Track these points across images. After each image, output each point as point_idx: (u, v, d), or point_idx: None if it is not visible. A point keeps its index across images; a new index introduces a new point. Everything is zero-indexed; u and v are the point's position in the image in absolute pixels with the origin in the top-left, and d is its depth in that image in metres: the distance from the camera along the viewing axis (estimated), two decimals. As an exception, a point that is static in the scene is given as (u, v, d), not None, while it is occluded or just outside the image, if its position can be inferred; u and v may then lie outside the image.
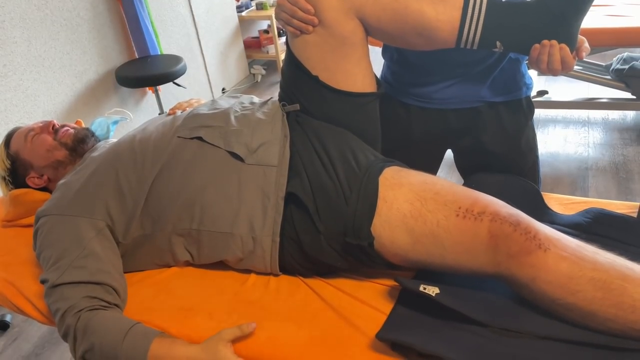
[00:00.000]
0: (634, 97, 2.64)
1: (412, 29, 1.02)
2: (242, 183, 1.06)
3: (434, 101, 1.26)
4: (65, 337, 1.00)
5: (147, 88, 3.19)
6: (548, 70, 1.00)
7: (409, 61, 1.25)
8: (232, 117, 1.14)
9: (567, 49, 0.97)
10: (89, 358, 0.96)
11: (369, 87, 1.13)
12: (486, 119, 1.26)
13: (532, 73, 2.70)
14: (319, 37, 1.05)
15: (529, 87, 1.27)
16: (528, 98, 1.28)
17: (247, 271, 1.13)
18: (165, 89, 3.28)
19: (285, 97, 1.18)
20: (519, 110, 1.27)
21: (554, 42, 0.97)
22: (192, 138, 1.11)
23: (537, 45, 0.99)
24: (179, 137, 1.12)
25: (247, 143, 1.09)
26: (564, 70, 1.00)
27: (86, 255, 1.04)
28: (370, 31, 1.07)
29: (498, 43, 1.00)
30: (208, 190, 1.06)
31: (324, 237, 1.02)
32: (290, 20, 1.06)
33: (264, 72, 4.37)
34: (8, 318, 2.09)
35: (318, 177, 1.04)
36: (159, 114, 3.19)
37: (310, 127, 1.12)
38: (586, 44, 1.02)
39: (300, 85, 1.13)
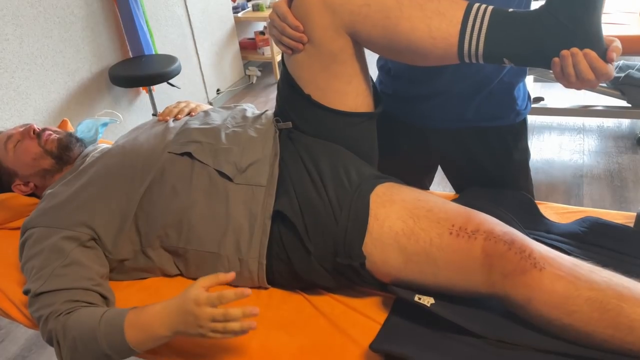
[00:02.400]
0: (629, 105, 2.64)
1: (404, 47, 0.96)
2: (230, 203, 1.04)
3: (414, 116, 1.23)
4: (50, 342, 0.98)
5: (141, 88, 3.16)
6: (581, 83, 0.85)
7: (392, 70, 1.22)
8: (223, 135, 1.12)
9: (593, 53, 0.82)
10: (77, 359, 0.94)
11: (362, 106, 1.09)
12: (470, 142, 1.23)
13: (527, 80, 2.70)
14: (308, 56, 1.03)
15: (519, 113, 1.20)
16: (521, 121, 1.22)
17: (239, 277, 1.11)
18: (159, 89, 3.25)
19: (279, 113, 1.16)
20: (508, 135, 1.22)
21: (575, 50, 0.83)
22: (182, 154, 1.09)
23: (556, 58, 0.85)
24: (169, 152, 1.10)
25: (236, 162, 1.07)
26: (601, 78, 0.84)
27: (68, 264, 1.02)
28: (365, 46, 1.03)
29: (505, 60, 0.91)
30: (195, 209, 1.04)
31: (315, 257, 0.99)
32: (280, 38, 1.03)
33: (259, 73, 4.35)
34: (-5, 319, 2.06)
35: (306, 195, 1.01)
36: (153, 114, 3.17)
37: (303, 143, 1.09)
38: (616, 43, 0.85)
39: (293, 103, 1.10)
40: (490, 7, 0.90)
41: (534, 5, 1.00)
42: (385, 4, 0.93)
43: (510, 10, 0.90)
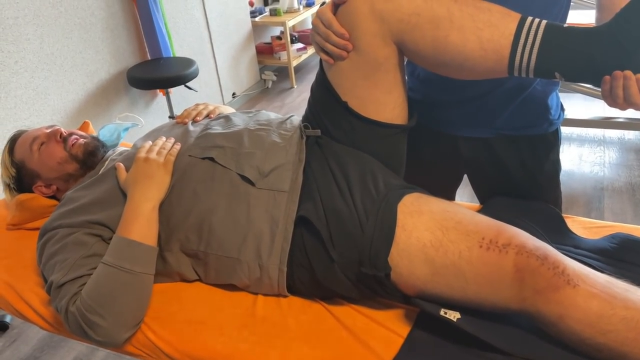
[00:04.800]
0: (652, 117, 2.60)
1: (452, 59, 0.93)
2: (252, 207, 1.02)
3: (444, 123, 1.21)
4: (78, 331, 0.97)
5: (158, 90, 3.17)
6: (627, 105, 0.86)
7: (423, 75, 1.20)
8: (246, 138, 1.11)
9: None
10: (119, 317, 0.96)
11: (398, 118, 1.08)
12: (500, 151, 1.20)
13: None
14: (352, 63, 1.00)
15: (552, 122, 1.18)
16: (552, 132, 1.19)
17: (258, 285, 1.09)
18: (176, 91, 3.26)
19: (310, 117, 1.13)
20: (538, 145, 1.19)
21: (628, 73, 0.83)
22: (203, 158, 1.08)
23: (607, 77, 0.85)
24: (190, 156, 1.09)
25: (259, 166, 1.06)
26: None
27: (90, 255, 1.03)
28: (409, 57, 1.01)
29: (557, 74, 0.90)
30: (217, 213, 1.03)
31: (338, 266, 0.97)
32: (323, 45, 1.00)
33: (275, 78, 4.35)
34: (8, 319, 2.05)
35: (332, 201, 0.99)
36: (169, 117, 3.17)
37: (331, 150, 1.07)
38: None
39: (328, 109, 1.08)
40: (545, 21, 0.88)
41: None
42: (436, 13, 0.91)
43: (566, 25, 0.88)
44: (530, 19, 0.89)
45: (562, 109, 1.22)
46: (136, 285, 0.99)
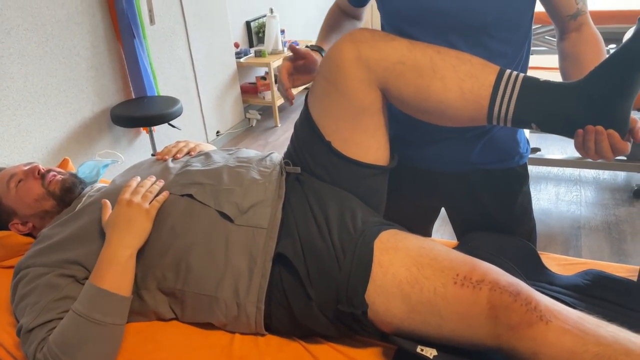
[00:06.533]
0: (625, 158, 2.67)
1: (434, 107, 0.96)
2: (230, 244, 1.02)
3: (419, 160, 1.24)
4: None
5: (142, 128, 3.18)
6: (598, 156, 0.89)
7: (398, 117, 1.23)
8: (225, 175, 1.12)
9: (617, 135, 0.86)
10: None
11: (381, 159, 1.11)
12: (476, 184, 1.23)
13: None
14: (338, 106, 1.03)
15: (522, 156, 1.23)
16: (522, 165, 1.24)
17: (236, 323, 1.08)
18: (159, 129, 3.28)
19: (293, 154, 1.16)
20: (512, 178, 1.23)
21: (600, 128, 0.86)
22: (182, 195, 1.08)
23: (580, 130, 0.88)
24: (169, 193, 1.10)
25: (237, 203, 1.06)
26: (617, 155, 0.88)
27: (61, 297, 1.01)
28: (393, 102, 1.04)
29: (533, 125, 0.93)
30: (194, 250, 1.03)
31: (316, 303, 0.97)
32: (279, 90, 1.15)
33: (259, 117, 4.39)
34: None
35: (310, 238, 1.00)
36: (152, 154, 3.17)
37: (311, 187, 1.09)
38: None
39: (311, 147, 1.11)
40: (522, 74, 0.93)
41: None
42: (420, 63, 0.95)
43: (542, 79, 0.92)
44: (508, 71, 0.93)
45: (528, 143, 1.27)
46: (105, 336, 0.97)
